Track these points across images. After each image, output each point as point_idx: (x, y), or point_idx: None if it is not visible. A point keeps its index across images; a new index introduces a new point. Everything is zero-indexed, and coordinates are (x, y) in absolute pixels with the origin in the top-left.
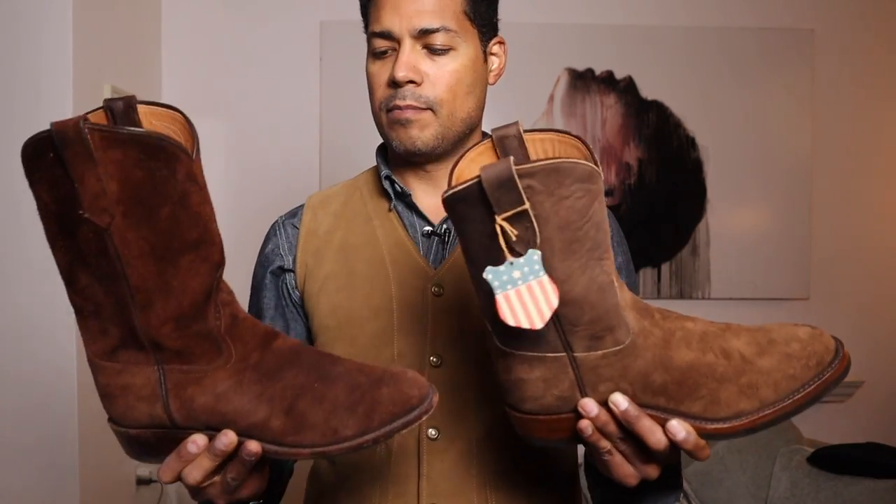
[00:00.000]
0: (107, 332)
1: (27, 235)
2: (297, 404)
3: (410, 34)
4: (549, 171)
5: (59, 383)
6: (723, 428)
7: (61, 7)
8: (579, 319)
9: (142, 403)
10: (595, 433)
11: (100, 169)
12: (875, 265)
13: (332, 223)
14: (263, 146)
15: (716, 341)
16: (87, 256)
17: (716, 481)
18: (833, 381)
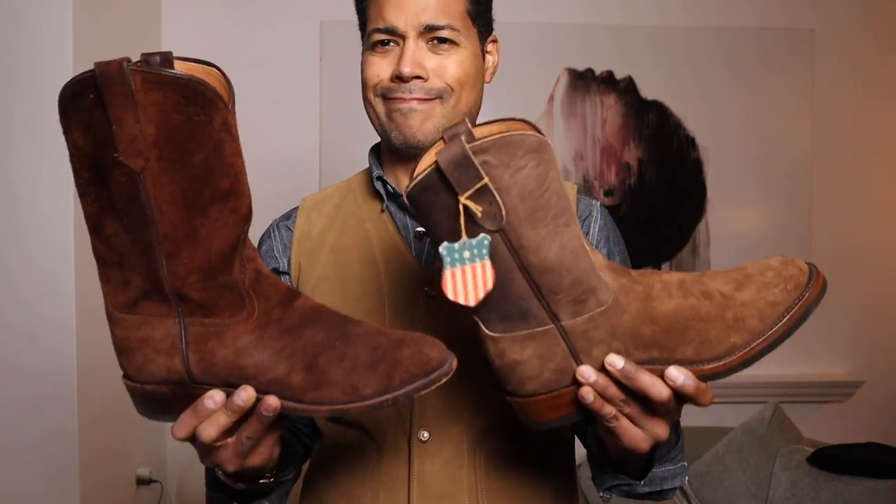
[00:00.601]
0: (129, 282)
1: (27, 235)
2: (318, 361)
3: (416, 30)
4: (501, 144)
5: (60, 383)
6: (719, 366)
7: (61, 7)
8: (559, 285)
9: (160, 357)
10: (598, 399)
11: (139, 111)
12: (875, 265)
13: (325, 225)
14: (263, 146)
15: (694, 286)
16: (117, 202)
17: (716, 481)
18: (814, 299)
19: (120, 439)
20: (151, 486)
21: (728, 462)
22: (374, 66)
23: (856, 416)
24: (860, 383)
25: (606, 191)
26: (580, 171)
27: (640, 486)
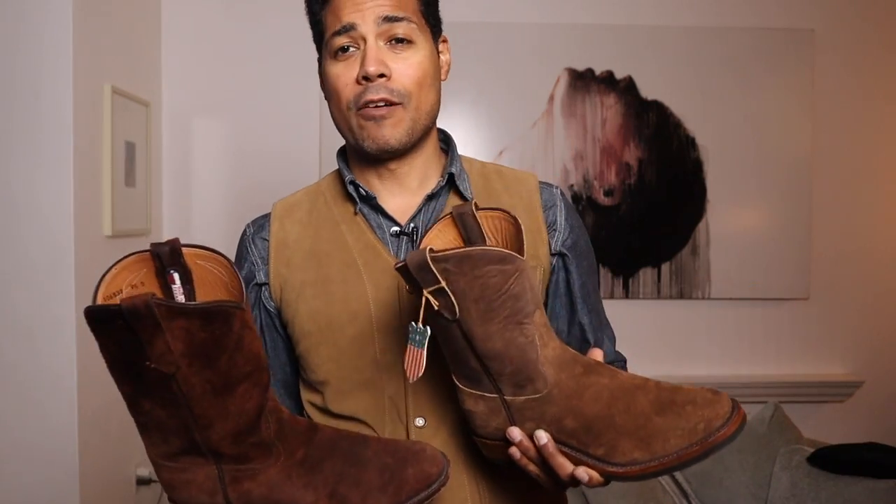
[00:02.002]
0: (168, 441)
1: (27, 235)
2: (338, 489)
3: (376, 23)
4: (462, 257)
5: (59, 383)
6: (618, 472)
7: (61, 7)
8: (502, 371)
9: (203, 494)
10: (523, 458)
11: (167, 335)
12: (875, 265)
13: (300, 231)
14: (263, 146)
15: (623, 398)
16: (152, 390)
17: (716, 481)
18: (716, 444)
19: (120, 439)
20: (151, 486)
21: (728, 462)
22: (341, 76)
23: (856, 416)
24: (860, 383)
25: (606, 191)
26: (580, 171)
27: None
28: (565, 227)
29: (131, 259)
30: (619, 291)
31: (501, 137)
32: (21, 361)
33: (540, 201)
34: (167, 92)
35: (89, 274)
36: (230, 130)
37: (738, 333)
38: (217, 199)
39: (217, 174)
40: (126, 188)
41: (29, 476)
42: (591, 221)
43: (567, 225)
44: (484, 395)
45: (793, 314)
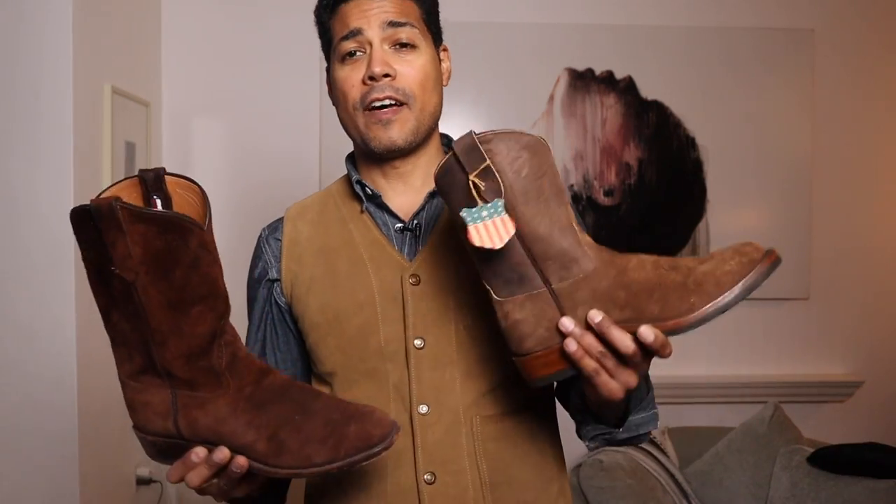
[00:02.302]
0: (132, 358)
1: (27, 235)
2: (279, 433)
3: (381, 27)
4: (502, 136)
5: (59, 383)
6: (680, 322)
7: (61, 7)
8: (548, 253)
9: (158, 417)
10: (579, 349)
11: (128, 238)
12: (875, 265)
13: (311, 231)
14: (263, 146)
15: (666, 262)
16: (118, 301)
17: (716, 481)
18: (764, 271)
19: (120, 439)
20: (151, 486)
21: (728, 462)
22: (348, 78)
23: (856, 416)
24: (860, 383)
25: (606, 191)
26: (580, 171)
27: (619, 433)
28: None
29: (123, 183)
30: None
31: None
32: (21, 361)
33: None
34: (167, 92)
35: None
36: (230, 130)
37: (738, 333)
38: (217, 199)
39: (217, 174)
40: None
41: (29, 476)
42: (591, 221)
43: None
44: (530, 294)
45: (793, 314)
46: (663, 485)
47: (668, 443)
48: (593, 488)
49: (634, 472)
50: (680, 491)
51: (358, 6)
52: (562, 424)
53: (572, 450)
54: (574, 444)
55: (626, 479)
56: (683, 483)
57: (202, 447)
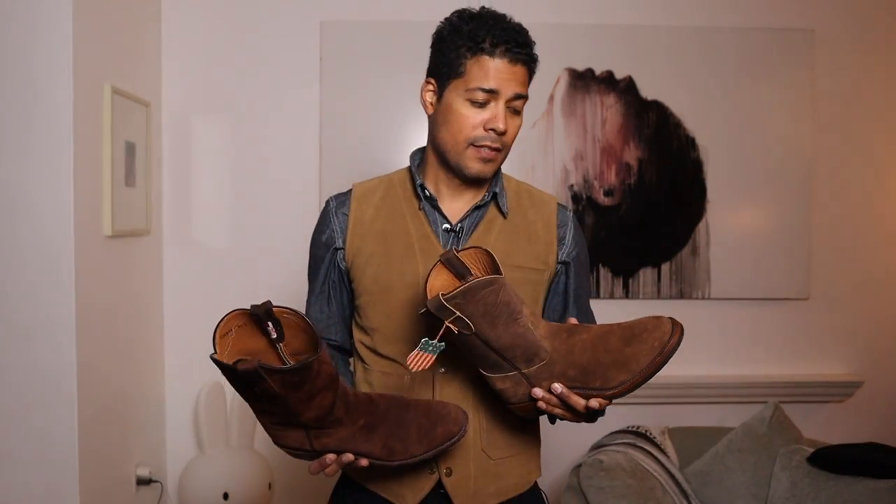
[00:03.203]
0: (273, 418)
1: (27, 235)
2: (388, 442)
3: (510, 94)
4: (465, 290)
5: (59, 383)
6: (615, 392)
7: (61, 7)
8: (515, 354)
9: (296, 442)
10: (548, 406)
11: (269, 381)
12: (875, 265)
13: (374, 213)
14: (263, 146)
15: (601, 343)
16: (262, 400)
17: (716, 481)
18: (670, 351)
19: (120, 439)
20: (151, 486)
21: (728, 462)
22: (471, 118)
23: (856, 416)
24: (860, 383)
25: (606, 191)
26: (580, 171)
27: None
28: (572, 243)
29: (236, 312)
30: (619, 291)
31: None
32: (21, 361)
33: (556, 220)
34: (167, 92)
35: (89, 274)
36: (230, 130)
37: (738, 333)
38: (217, 198)
39: (217, 174)
40: (126, 188)
41: (29, 476)
42: (592, 221)
43: (573, 241)
44: (507, 375)
45: (793, 314)
46: (663, 485)
47: (668, 443)
48: (593, 488)
49: (634, 472)
50: (680, 491)
51: (502, 69)
52: (561, 425)
53: (572, 450)
54: (574, 444)
55: (626, 479)
56: (683, 483)
57: (331, 454)
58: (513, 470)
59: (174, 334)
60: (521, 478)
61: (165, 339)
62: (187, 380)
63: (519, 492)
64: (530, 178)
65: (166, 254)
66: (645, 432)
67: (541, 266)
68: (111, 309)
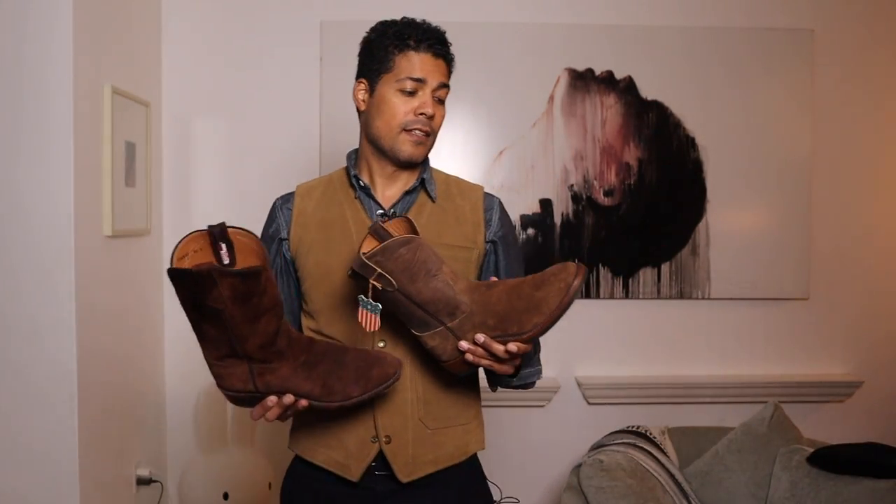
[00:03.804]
0: (218, 349)
1: (27, 235)
2: (327, 381)
3: (437, 83)
4: (383, 248)
5: (60, 383)
6: (530, 333)
7: (61, 7)
8: (437, 308)
9: (240, 382)
10: (475, 358)
11: (221, 288)
12: (875, 265)
13: (314, 206)
14: (263, 146)
15: (514, 291)
16: (208, 318)
17: (716, 481)
18: (575, 289)
19: (120, 439)
20: (151, 486)
21: (728, 462)
22: (402, 105)
23: (856, 416)
24: (860, 383)
25: (606, 191)
26: (580, 171)
27: (514, 381)
28: (498, 224)
29: (194, 234)
30: (619, 291)
31: (501, 137)
32: (21, 361)
33: (483, 205)
34: (167, 92)
35: (89, 274)
36: (230, 130)
37: (738, 333)
38: (217, 198)
39: (217, 174)
40: (126, 188)
41: (29, 476)
42: (592, 221)
43: (499, 222)
44: (435, 331)
45: (793, 314)
46: (663, 485)
47: (668, 443)
48: (593, 488)
49: (634, 472)
50: (680, 491)
51: (427, 61)
52: (562, 423)
53: (572, 450)
54: (574, 444)
55: (626, 479)
56: (683, 483)
57: (273, 396)
58: (450, 440)
59: (174, 334)
60: (458, 448)
61: (165, 339)
62: (187, 380)
63: (455, 461)
64: (530, 178)
65: (166, 254)
66: (645, 432)
67: (469, 244)
68: (111, 309)
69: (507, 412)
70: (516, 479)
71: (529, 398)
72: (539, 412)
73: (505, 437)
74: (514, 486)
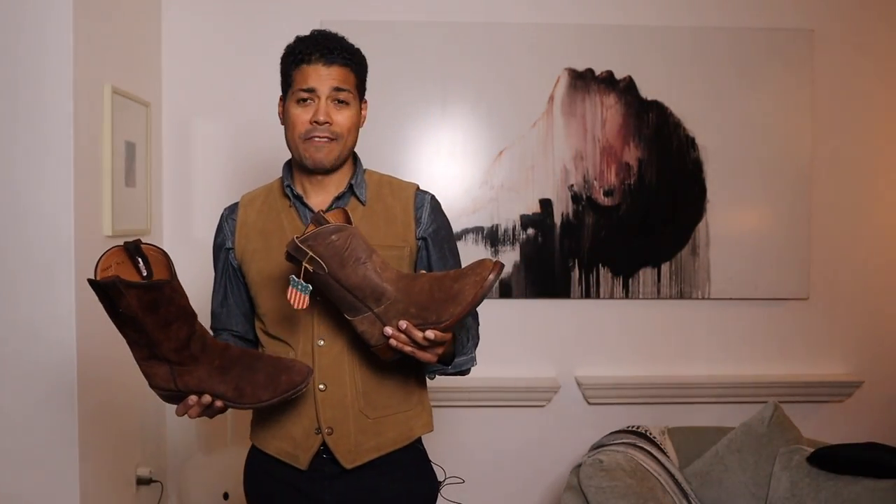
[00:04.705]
0: (141, 351)
1: (28, 235)
2: (239, 384)
3: (329, 89)
4: (315, 234)
5: (60, 383)
6: (448, 322)
7: (61, 7)
8: (364, 293)
9: (164, 381)
10: (398, 344)
11: (128, 297)
12: (875, 265)
13: (255, 216)
14: (263, 145)
15: (436, 283)
16: (127, 322)
17: (716, 481)
18: (491, 283)
19: (120, 439)
20: (151, 486)
21: (728, 462)
22: (300, 116)
23: (856, 416)
24: (860, 383)
25: (606, 191)
26: (580, 171)
27: (448, 369)
28: (428, 221)
29: (114, 249)
30: (619, 291)
31: (501, 137)
32: (21, 361)
33: (413, 203)
34: (167, 92)
35: (89, 274)
36: (230, 130)
37: (738, 333)
38: (217, 198)
39: (216, 174)
40: (126, 188)
41: (29, 476)
42: (591, 221)
43: (430, 219)
44: (364, 316)
45: (793, 314)
46: (663, 485)
47: (668, 443)
48: (593, 488)
49: (634, 472)
50: (680, 491)
51: (316, 71)
52: (562, 423)
53: (572, 450)
54: (574, 444)
55: (626, 479)
56: (683, 483)
57: (193, 396)
58: (391, 427)
59: None
60: (401, 434)
61: None
62: None
63: (398, 446)
64: (530, 178)
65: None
66: (645, 432)
67: (400, 243)
68: None
69: (507, 412)
70: (516, 478)
71: (529, 398)
72: (539, 412)
73: (505, 437)
74: (513, 485)
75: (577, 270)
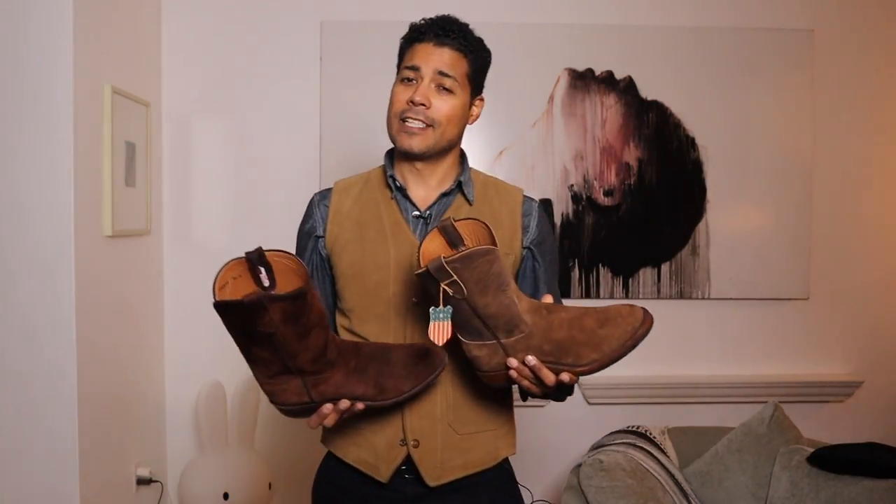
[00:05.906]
0: (270, 368)
1: (28, 235)
2: (378, 380)
3: (434, 71)
4: (464, 256)
5: (59, 383)
6: (584, 369)
7: (61, 7)
8: (497, 323)
9: (294, 396)
10: (520, 377)
11: (271, 313)
12: (875, 265)
13: (351, 204)
14: (264, 146)
15: (577, 323)
16: (258, 341)
17: (716, 481)
18: (641, 336)
19: (120, 439)
20: (151, 486)
21: (728, 462)
22: (399, 94)
23: (856, 416)
24: (860, 383)
25: (606, 191)
26: (580, 171)
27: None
28: (535, 230)
29: (232, 263)
30: (619, 291)
31: (501, 137)
32: (21, 361)
33: (521, 209)
34: (167, 92)
35: (89, 274)
36: (230, 130)
37: (738, 333)
38: (217, 198)
39: (217, 174)
40: (126, 188)
41: (29, 476)
42: (592, 221)
43: (537, 229)
44: (485, 343)
45: (793, 314)
46: (663, 485)
47: (668, 443)
48: (593, 488)
49: (634, 472)
50: (680, 491)
51: (425, 49)
52: (562, 423)
53: (572, 450)
54: (574, 444)
55: (626, 479)
56: (683, 483)
57: (328, 404)
58: (480, 445)
59: (174, 334)
60: (489, 454)
61: (165, 339)
62: (187, 380)
63: (486, 466)
64: (530, 178)
65: (166, 254)
66: (645, 432)
67: (506, 250)
68: (111, 309)
69: None
70: (516, 478)
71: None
72: (539, 412)
73: None
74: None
75: (578, 270)
